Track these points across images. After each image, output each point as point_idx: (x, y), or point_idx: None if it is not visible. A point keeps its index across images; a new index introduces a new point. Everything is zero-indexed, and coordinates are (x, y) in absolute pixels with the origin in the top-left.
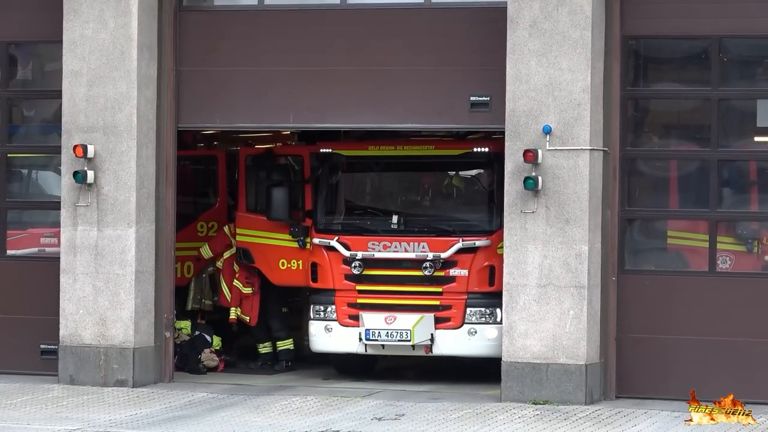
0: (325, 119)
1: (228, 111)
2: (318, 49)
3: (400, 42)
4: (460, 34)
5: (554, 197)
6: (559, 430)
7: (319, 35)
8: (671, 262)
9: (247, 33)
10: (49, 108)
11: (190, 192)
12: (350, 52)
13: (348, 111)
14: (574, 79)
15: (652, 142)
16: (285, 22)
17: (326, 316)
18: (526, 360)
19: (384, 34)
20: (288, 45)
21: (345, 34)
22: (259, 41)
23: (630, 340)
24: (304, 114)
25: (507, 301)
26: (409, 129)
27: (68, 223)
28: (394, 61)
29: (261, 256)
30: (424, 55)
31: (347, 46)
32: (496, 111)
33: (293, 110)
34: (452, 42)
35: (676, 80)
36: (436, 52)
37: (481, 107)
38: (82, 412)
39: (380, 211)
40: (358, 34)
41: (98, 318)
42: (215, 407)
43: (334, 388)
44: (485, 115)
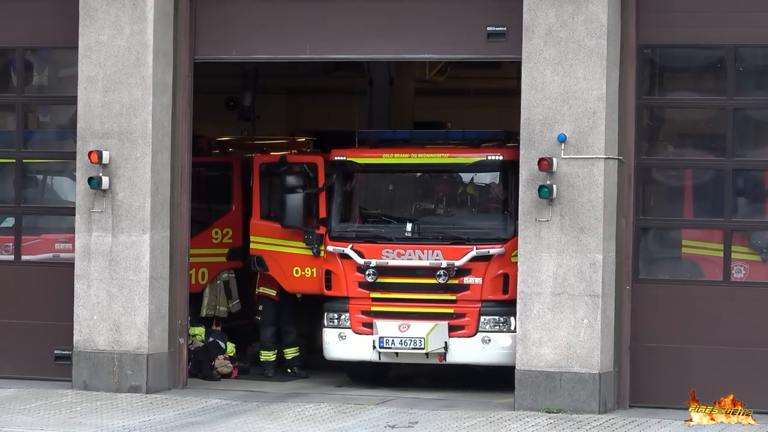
0: (341, 50)
1: (244, 43)
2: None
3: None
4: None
5: (569, 206)
6: None
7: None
8: (685, 271)
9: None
10: (64, 114)
11: (205, 198)
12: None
13: (364, 42)
14: (590, 88)
15: (666, 151)
16: None
17: (340, 323)
18: (540, 368)
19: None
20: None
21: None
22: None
23: (644, 349)
24: (321, 45)
25: (521, 309)
26: (425, 59)
27: (83, 228)
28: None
29: (275, 264)
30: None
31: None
32: (512, 41)
33: (309, 42)
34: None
35: (691, 89)
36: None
37: (498, 37)
38: (96, 417)
39: (394, 219)
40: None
41: (112, 324)
42: (228, 414)
43: (347, 396)
44: (502, 45)
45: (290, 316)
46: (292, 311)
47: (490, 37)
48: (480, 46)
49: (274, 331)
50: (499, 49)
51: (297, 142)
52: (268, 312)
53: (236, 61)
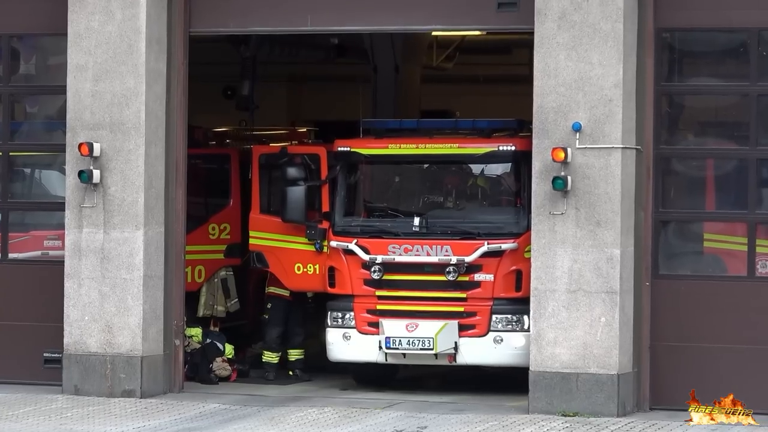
0: (344, 23)
1: (242, 15)
2: None
3: None
4: None
5: (584, 198)
6: None
7: None
8: (708, 266)
9: None
10: (53, 104)
11: (202, 192)
12: None
13: (369, 13)
14: (606, 74)
15: (687, 140)
16: None
17: (344, 323)
18: (555, 369)
19: None
20: None
21: None
22: None
23: (664, 348)
24: (323, 17)
25: (535, 307)
26: (432, 30)
27: (73, 225)
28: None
29: (275, 260)
30: None
31: None
32: (524, 11)
33: (311, 13)
34: None
35: (712, 75)
36: None
37: (509, 7)
38: (88, 424)
39: (401, 213)
40: None
41: (104, 325)
42: (227, 419)
43: (352, 399)
44: (513, 16)
45: (300, 318)
46: (303, 312)
47: (500, 6)
48: (490, 17)
49: (280, 332)
50: (511, 19)
51: (298, 133)
52: (277, 311)
53: (233, 34)
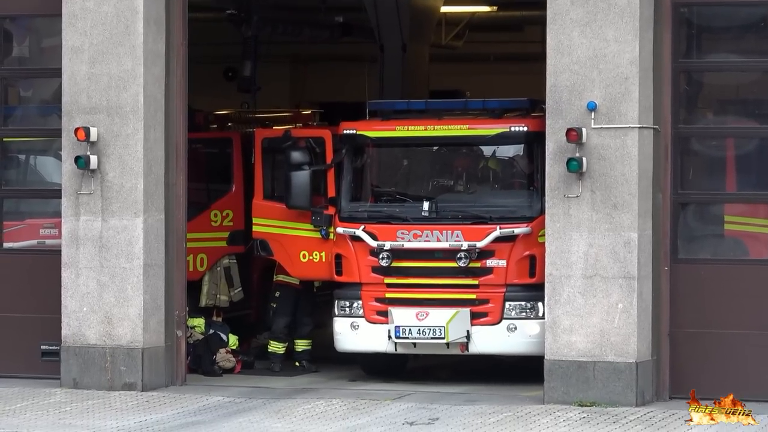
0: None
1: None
2: None
3: None
4: None
5: (600, 180)
6: None
7: None
8: (729, 249)
9: None
10: (48, 87)
11: (203, 178)
12: None
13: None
14: (621, 51)
15: (706, 119)
16: None
17: (352, 312)
18: (571, 358)
19: None
20: None
21: None
22: None
23: (684, 335)
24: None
25: (549, 294)
26: None
27: (70, 212)
28: None
29: (280, 248)
30: None
31: None
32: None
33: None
34: None
35: (732, 51)
36: None
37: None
38: (87, 418)
39: (410, 197)
40: None
41: (103, 316)
42: (232, 412)
43: (361, 391)
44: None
45: (309, 307)
46: (312, 302)
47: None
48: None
49: (288, 322)
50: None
51: (302, 115)
52: (285, 301)
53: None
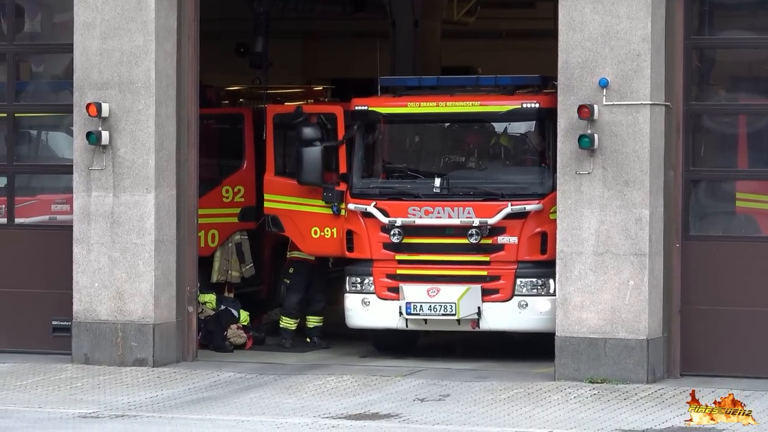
0: None
1: None
2: None
3: None
4: None
5: (612, 157)
6: (618, 411)
7: None
8: (740, 226)
9: None
10: (59, 63)
11: (214, 154)
12: None
13: None
14: (633, 27)
15: (718, 96)
16: None
17: (363, 288)
18: (582, 335)
19: None
20: None
21: None
22: None
23: (695, 312)
24: None
25: (561, 270)
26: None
27: (81, 188)
28: None
29: (291, 224)
30: None
31: None
32: None
33: None
34: None
35: (746, 27)
36: None
37: None
38: (98, 394)
39: (421, 174)
40: None
41: (115, 292)
42: (243, 388)
43: (372, 367)
44: None
45: (322, 284)
46: (326, 279)
47: None
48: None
49: (301, 298)
50: None
51: (314, 91)
52: (299, 277)
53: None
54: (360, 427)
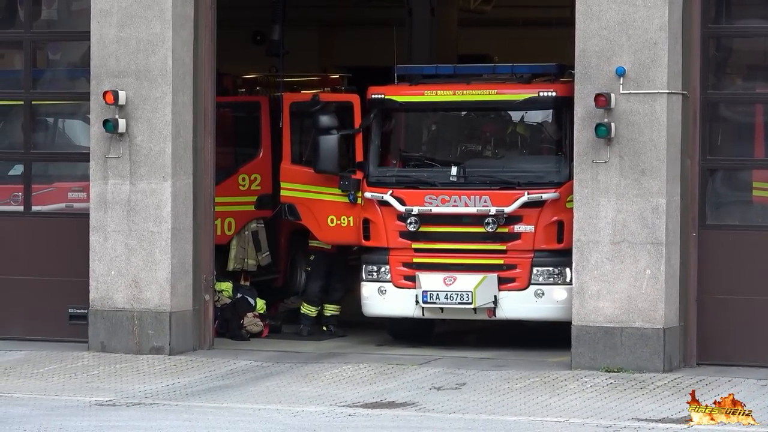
0: None
1: None
2: None
3: None
4: None
5: (629, 146)
6: (635, 400)
7: None
8: (757, 216)
9: None
10: (76, 51)
11: (231, 142)
12: None
13: None
14: (650, 16)
15: (735, 85)
16: None
17: (380, 277)
18: (599, 324)
19: None
20: None
21: None
22: None
23: (712, 301)
24: None
25: (577, 259)
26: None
27: (98, 176)
28: None
29: (308, 212)
30: None
31: None
32: None
33: None
34: None
35: (763, 16)
36: None
37: None
38: (115, 381)
39: (438, 162)
40: None
41: (131, 280)
42: (259, 376)
43: (388, 355)
44: None
45: (341, 273)
46: (345, 268)
47: None
48: None
49: (322, 286)
50: None
51: (330, 79)
52: (319, 265)
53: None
54: (376, 416)
